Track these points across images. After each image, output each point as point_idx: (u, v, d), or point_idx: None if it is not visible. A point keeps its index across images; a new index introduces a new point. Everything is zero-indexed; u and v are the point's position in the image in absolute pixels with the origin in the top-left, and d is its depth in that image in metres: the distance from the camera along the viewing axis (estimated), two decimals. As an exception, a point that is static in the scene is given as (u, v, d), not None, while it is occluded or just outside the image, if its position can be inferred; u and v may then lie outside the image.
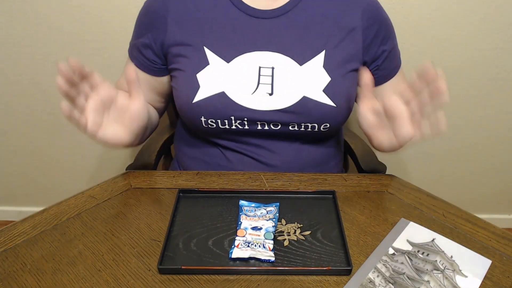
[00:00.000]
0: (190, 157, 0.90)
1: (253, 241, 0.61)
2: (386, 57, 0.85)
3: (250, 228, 0.64)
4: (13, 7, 1.26)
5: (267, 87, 0.78)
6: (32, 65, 1.36)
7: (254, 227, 0.64)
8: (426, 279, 0.56)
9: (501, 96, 1.42)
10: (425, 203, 0.72)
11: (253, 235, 0.63)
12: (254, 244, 0.61)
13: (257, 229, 0.64)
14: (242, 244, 0.61)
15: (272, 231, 0.64)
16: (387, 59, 0.85)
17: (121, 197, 0.72)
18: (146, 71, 0.86)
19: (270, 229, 0.64)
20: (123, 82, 0.86)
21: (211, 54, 0.79)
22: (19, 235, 0.64)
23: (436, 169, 1.59)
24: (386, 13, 0.86)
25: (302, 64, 0.79)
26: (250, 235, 0.63)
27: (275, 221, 0.66)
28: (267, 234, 0.63)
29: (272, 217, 0.66)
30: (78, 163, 1.59)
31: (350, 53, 0.81)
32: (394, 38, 0.87)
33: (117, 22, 1.28)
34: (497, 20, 1.28)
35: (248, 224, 0.65)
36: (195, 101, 0.78)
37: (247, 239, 0.62)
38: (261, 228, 0.64)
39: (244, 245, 0.61)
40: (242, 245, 0.61)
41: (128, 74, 0.69)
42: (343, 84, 0.81)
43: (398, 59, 0.89)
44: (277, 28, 0.80)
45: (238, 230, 0.64)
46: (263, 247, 0.61)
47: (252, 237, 0.62)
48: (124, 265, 0.59)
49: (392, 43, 0.86)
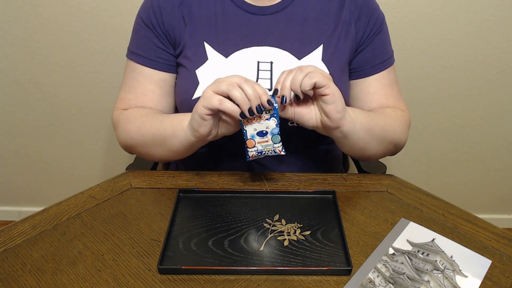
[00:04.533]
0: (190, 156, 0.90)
1: (264, 149, 0.68)
2: (371, 44, 0.83)
3: (257, 135, 0.66)
4: (13, 7, 1.26)
5: (266, 82, 0.78)
6: (32, 65, 1.36)
7: (260, 131, 0.66)
8: (426, 279, 0.56)
9: (501, 96, 1.42)
10: (425, 203, 0.72)
11: (262, 142, 0.67)
12: (266, 152, 0.68)
13: (264, 135, 0.66)
14: (256, 155, 0.68)
15: (277, 133, 0.67)
16: (372, 47, 0.83)
17: (121, 197, 0.72)
18: (163, 69, 0.83)
19: (275, 131, 0.67)
20: (132, 98, 0.83)
21: (210, 49, 0.79)
22: (19, 235, 0.64)
23: (436, 169, 1.59)
24: (380, 8, 0.86)
25: (300, 59, 0.79)
26: (259, 143, 0.67)
27: (277, 117, 0.66)
28: (274, 137, 0.67)
29: (273, 112, 0.66)
30: (78, 163, 1.59)
31: (347, 46, 0.81)
32: (385, 32, 0.86)
33: (117, 22, 1.28)
34: (497, 20, 1.28)
35: (253, 129, 0.66)
36: (195, 97, 0.78)
37: (257, 148, 0.67)
38: (267, 133, 0.67)
39: (257, 155, 0.68)
40: (256, 155, 0.68)
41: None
42: (341, 77, 0.81)
43: (388, 55, 0.86)
44: (274, 23, 0.80)
45: (247, 141, 0.67)
46: (274, 152, 0.68)
47: (262, 145, 0.67)
48: (124, 265, 0.59)
49: (380, 34, 0.84)
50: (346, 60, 0.82)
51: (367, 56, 0.84)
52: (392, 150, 0.83)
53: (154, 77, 0.83)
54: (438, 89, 1.41)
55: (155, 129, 0.76)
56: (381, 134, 0.77)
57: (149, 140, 0.77)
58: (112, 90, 1.40)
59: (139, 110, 0.82)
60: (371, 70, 0.84)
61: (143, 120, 0.79)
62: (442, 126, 1.49)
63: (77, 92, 1.42)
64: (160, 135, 0.76)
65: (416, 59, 1.35)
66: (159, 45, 0.82)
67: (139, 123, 0.79)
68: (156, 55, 0.82)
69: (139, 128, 0.78)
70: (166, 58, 0.82)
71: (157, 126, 0.76)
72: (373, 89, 0.85)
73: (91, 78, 1.39)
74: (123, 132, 0.82)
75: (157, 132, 0.76)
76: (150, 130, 0.77)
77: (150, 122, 0.78)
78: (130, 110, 0.83)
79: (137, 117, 0.80)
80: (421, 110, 1.44)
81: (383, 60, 0.85)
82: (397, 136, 0.81)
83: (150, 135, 0.77)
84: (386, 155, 0.84)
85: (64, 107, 1.45)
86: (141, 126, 0.78)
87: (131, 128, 0.80)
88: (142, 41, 0.83)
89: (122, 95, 0.86)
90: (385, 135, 0.78)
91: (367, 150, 0.77)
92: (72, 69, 1.37)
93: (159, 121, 0.77)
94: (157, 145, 0.77)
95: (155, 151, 0.79)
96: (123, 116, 0.82)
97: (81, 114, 1.47)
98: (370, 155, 0.80)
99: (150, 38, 0.82)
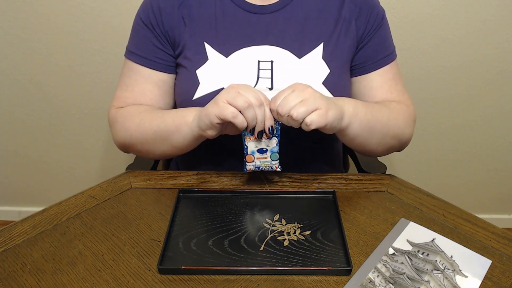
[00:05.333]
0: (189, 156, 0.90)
1: (262, 165, 0.70)
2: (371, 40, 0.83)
3: (257, 151, 0.68)
4: (13, 7, 1.26)
5: (267, 81, 0.78)
6: (32, 65, 1.36)
7: (260, 149, 0.68)
8: (426, 279, 0.56)
9: (501, 96, 1.42)
10: (425, 203, 0.72)
11: (260, 158, 0.69)
12: (264, 167, 0.70)
13: (263, 152, 0.68)
14: (253, 169, 0.70)
15: (276, 151, 0.69)
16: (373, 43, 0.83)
17: (121, 197, 0.72)
18: (162, 70, 0.83)
19: (275, 149, 0.69)
20: (129, 97, 0.83)
21: (211, 49, 0.79)
22: (19, 235, 0.64)
23: (436, 169, 1.59)
24: (379, 4, 0.86)
25: (301, 57, 0.79)
26: (258, 159, 0.69)
27: (278, 137, 0.68)
28: (273, 155, 0.68)
29: (275, 132, 0.68)
30: (78, 163, 1.59)
31: (347, 45, 0.81)
32: (386, 27, 0.86)
33: (117, 22, 1.28)
34: (497, 20, 1.28)
35: (254, 146, 0.68)
36: (195, 98, 0.78)
37: (256, 163, 0.69)
38: (267, 150, 0.69)
39: (255, 169, 0.70)
40: (253, 169, 0.70)
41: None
42: (341, 76, 0.81)
43: (389, 50, 0.86)
44: (274, 22, 0.80)
45: (246, 156, 0.68)
46: (271, 168, 0.70)
47: (260, 161, 0.69)
48: (124, 265, 0.58)
49: (381, 30, 0.84)
50: (346, 58, 0.82)
51: (369, 52, 0.83)
52: (396, 145, 0.83)
53: (153, 78, 0.83)
54: (438, 89, 1.41)
55: (156, 125, 0.76)
56: (383, 130, 0.77)
57: (150, 137, 0.77)
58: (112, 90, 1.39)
59: (136, 107, 0.82)
60: (372, 66, 0.84)
61: (142, 117, 0.78)
62: (442, 126, 1.49)
63: (77, 92, 1.42)
64: (161, 131, 0.75)
65: (416, 59, 1.35)
66: (158, 46, 0.82)
67: (138, 120, 0.78)
68: (155, 55, 0.82)
69: (138, 125, 0.78)
70: (165, 59, 0.82)
71: (157, 122, 0.76)
72: (376, 84, 0.84)
73: (91, 78, 1.39)
74: (121, 130, 0.81)
75: (158, 129, 0.76)
76: (150, 127, 0.77)
77: (149, 118, 0.77)
78: (127, 107, 0.82)
79: (135, 115, 0.80)
80: (421, 110, 1.44)
81: (384, 55, 0.84)
82: (400, 130, 0.80)
83: (151, 132, 0.77)
84: (390, 151, 0.83)
85: (64, 107, 1.45)
86: (141, 123, 0.78)
87: (130, 125, 0.79)
88: (141, 41, 0.83)
89: (118, 93, 0.85)
90: (387, 130, 0.78)
91: (367, 145, 0.78)
92: (72, 69, 1.37)
93: (160, 117, 0.76)
94: (159, 141, 0.77)
95: (156, 148, 0.79)
96: (120, 113, 0.82)
97: (81, 114, 1.47)
98: (371, 150, 0.80)
99: (149, 39, 0.82)
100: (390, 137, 0.79)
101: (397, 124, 0.79)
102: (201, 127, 0.69)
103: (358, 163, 1.01)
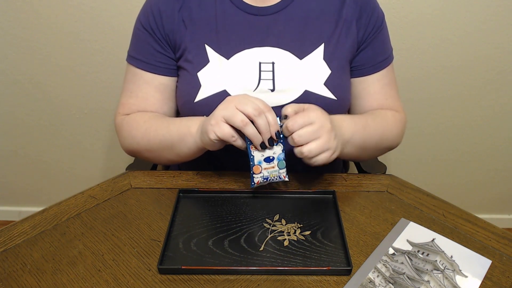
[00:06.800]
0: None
1: (270, 175, 0.68)
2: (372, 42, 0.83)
3: (264, 161, 0.67)
4: (13, 7, 1.26)
5: (269, 82, 0.78)
6: (32, 65, 1.36)
7: (267, 157, 0.67)
8: (426, 279, 0.56)
9: (501, 96, 1.42)
10: (425, 203, 0.72)
11: (268, 168, 0.67)
12: (272, 178, 0.68)
13: (270, 160, 0.67)
14: (261, 182, 0.68)
15: (283, 158, 0.68)
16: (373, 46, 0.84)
17: (121, 197, 0.72)
18: (163, 73, 0.83)
19: (281, 156, 0.67)
20: (134, 103, 0.83)
21: (212, 51, 0.79)
22: (19, 235, 0.64)
23: (436, 169, 1.59)
24: (379, 6, 0.86)
25: (302, 58, 0.79)
26: (265, 169, 0.67)
27: (283, 143, 0.67)
28: (280, 163, 0.68)
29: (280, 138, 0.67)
30: (78, 163, 1.59)
31: (348, 45, 0.82)
32: (385, 30, 0.86)
33: (117, 22, 1.28)
34: (497, 20, 1.28)
35: (260, 155, 0.67)
36: (197, 100, 0.78)
37: (264, 174, 0.67)
38: (274, 158, 0.67)
39: (263, 181, 0.68)
40: (261, 182, 0.68)
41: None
42: (342, 76, 0.82)
43: (387, 53, 0.87)
44: (275, 24, 0.80)
45: (253, 167, 0.67)
46: (279, 178, 0.68)
47: (268, 171, 0.67)
48: (124, 265, 0.59)
49: (381, 33, 0.85)
50: (347, 58, 0.82)
51: (369, 54, 0.84)
52: (385, 152, 0.88)
53: (155, 82, 0.83)
54: (438, 89, 1.41)
55: (161, 135, 0.77)
56: (376, 146, 0.82)
57: (157, 146, 0.78)
58: (112, 90, 1.40)
59: (142, 114, 0.82)
60: (371, 69, 0.85)
61: (147, 125, 0.79)
62: (442, 126, 1.49)
63: (77, 92, 1.42)
64: (166, 141, 0.76)
65: (416, 59, 1.35)
66: (159, 50, 0.82)
67: (143, 129, 0.79)
68: (156, 59, 0.82)
69: (144, 134, 0.79)
70: (166, 62, 0.82)
71: (163, 132, 0.77)
72: (374, 89, 0.85)
73: (91, 78, 1.39)
74: (127, 138, 0.82)
75: (163, 138, 0.76)
76: (156, 136, 0.77)
77: (155, 127, 0.78)
78: (133, 115, 0.83)
79: (140, 123, 0.80)
80: (421, 110, 1.44)
81: (383, 59, 0.85)
82: (392, 142, 0.85)
83: (157, 141, 0.77)
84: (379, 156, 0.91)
85: (64, 107, 1.45)
86: (146, 132, 0.78)
87: (136, 134, 0.80)
88: (142, 45, 0.83)
89: (123, 100, 0.85)
90: (380, 145, 0.82)
91: (358, 159, 0.85)
92: (72, 69, 1.37)
93: (165, 127, 0.77)
94: (165, 150, 0.78)
95: (163, 156, 0.80)
96: (126, 121, 0.82)
97: (81, 114, 1.47)
98: (362, 160, 0.88)
99: (149, 43, 0.82)
100: (381, 150, 0.85)
101: (390, 137, 0.84)
102: (203, 141, 0.70)
103: (358, 163, 1.01)
